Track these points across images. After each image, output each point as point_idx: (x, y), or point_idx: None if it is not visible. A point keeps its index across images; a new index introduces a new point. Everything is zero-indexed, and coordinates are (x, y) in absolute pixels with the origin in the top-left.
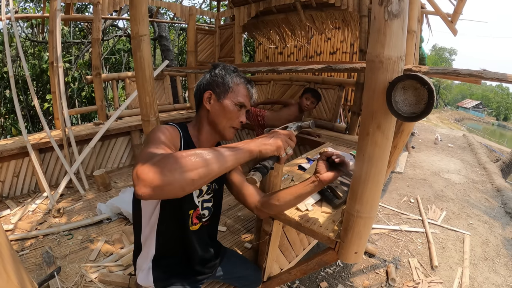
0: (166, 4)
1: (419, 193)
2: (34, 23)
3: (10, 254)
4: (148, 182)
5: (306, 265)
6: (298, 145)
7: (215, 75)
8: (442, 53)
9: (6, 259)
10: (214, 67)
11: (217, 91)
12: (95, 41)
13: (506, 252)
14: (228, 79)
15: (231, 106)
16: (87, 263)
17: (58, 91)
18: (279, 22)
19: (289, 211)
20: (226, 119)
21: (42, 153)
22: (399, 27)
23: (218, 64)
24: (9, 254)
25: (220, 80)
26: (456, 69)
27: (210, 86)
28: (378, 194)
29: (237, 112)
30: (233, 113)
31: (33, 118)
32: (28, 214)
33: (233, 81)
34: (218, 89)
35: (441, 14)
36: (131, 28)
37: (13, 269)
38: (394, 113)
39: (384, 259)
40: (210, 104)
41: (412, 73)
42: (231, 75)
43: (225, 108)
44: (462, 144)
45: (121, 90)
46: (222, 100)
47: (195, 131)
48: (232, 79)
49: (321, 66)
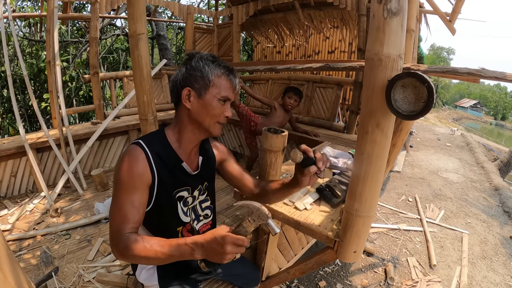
0: (164, 3)
1: (417, 192)
2: (32, 22)
3: (7, 254)
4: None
5: (305, 265)
6: (297, 144)
7: (191, 68)
8: (440, 53)
9: (3, 260)
10: (190, 57)
11: (196, 87)
12: (93, 40)
13: (504, 250)
14: (208, 72)
15: (214, 102)
16: (85, 263)
17: (55, 90)
18: (277, 21)
19: (288, 210)
20: (210, 116)
21: (39, 152)
22: (398, 25)
23: (194, 54)
24: (6, 255)
25: (198, 74)
26: (454, 68)
27: (188, 82)
28: (377, 193)
29: (221, 107)
30: (216, 109)
31: (30, 117)
32: (25, 214)
33: (213, 73)
34: (197, 84)
35: (439, 14)
36: (129, 27)
37: (10, 270)
38: (393, 112)
39: (382, 258)
40: (190, 102)
41: (411, 71)
42: (209, 67)
43: (208, 105)
44: (460, 143)
45: (119, 89)
46: (203, 96)
47: (175, 133)
48: (212, 71)
49: (320, 65)
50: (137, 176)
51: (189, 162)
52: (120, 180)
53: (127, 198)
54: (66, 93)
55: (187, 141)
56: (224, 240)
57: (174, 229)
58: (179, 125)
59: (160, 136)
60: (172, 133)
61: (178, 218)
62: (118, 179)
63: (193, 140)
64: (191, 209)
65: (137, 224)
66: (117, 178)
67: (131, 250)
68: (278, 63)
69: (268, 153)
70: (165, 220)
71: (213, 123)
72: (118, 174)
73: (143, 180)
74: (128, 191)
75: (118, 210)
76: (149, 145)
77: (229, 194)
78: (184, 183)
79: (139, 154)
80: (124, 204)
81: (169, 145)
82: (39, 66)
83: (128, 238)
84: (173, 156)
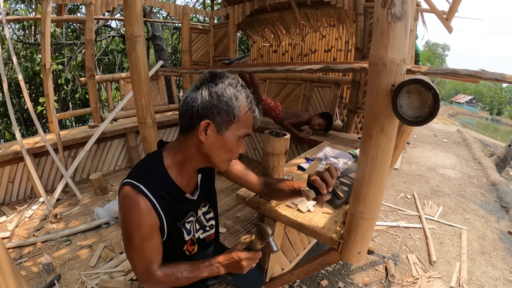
0: (160, 4)
1: (415, 189)
2: (26, 25)
3: (9, 264)
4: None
5: (308, 266)
6: (296, 145)
7: (217, 98)
8: (435, 49)
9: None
10: (214, 81)
11: (217, 121)
12: (88, 43)
13: (502, 245)
14: (235, 107)
15: (233, 139)
16: (87, 270)
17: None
18: (273, 21)
19: (291, 213)
20: (225, 153)
21: (37, 157)
22: (402, 30)
23: (219, 77)
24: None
25: (223, 107)
26: (455, 69)
27: (209, 113)
28: (381, 195)
29: (238, 144)
30: (234, 146)
31: (26, 121)
32: (24, 220)
33: (241, 108)
34: (220, 118)
35: (436, 12)
36: (126, 29)
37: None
38: (399, 117)
39: (383, 255)
40: (206, 136)
41: (417, 77)
42: (238, 100)
43: (226, 143)
44: (456, 139)
45: (115, 91)
46: (223, 132)
47: (176, 163)
48: (240, 106)
49: (320, 67)
50: (148, 226)
51: (189, 188)
52: (132, 230)
53: (145, 246)
54: (62, 96)
55: (188, 169)
56: (239, 257)
57: (180, 249)
58: (183, 154)
59: (161, 171)
60: (173, 162)
61: (183, 239)
62: (128, 228)
63: (195, 168)
64: (194, 222)
65: (161, 259)
66: (127, 227)
67: (165, 283)
68: (277, 64)
69: (271, 156)
70: (173, 243)
71: (226, 160)
72: (128, 224)
73: (154, 227)
74: (143, 240)
75: (140, 257)
76: (153, 190)
77: (229, 195)
78: (188, 210)
79: (145, 204)
80: (144, 251)
81: (171, 181)
82: (34, 69)
83: (159, 274)
84: (177, 192)
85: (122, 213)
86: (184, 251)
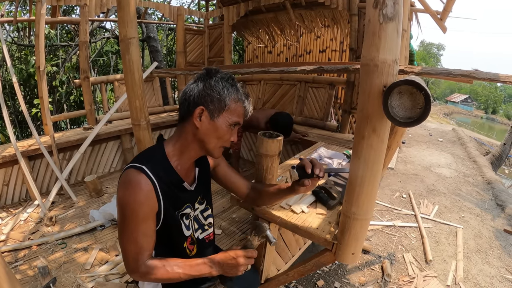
0: (154, 5)
1: (411, 188)
2: (20, 27)
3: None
4: (138, 280)
5: (303, 267)
6: (291, 145)
7: (210, 88)
8: (430, 49)
9: (0, 275)
10: (209, 75)
11: (210, 108)
12: (82, 44)
13: (498, 243)
14: (226, 96)
15: (225, 126)
16: (83, 272)
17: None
18: (268, 21)
19: (285, 214)
20: (217, 139)
21: (31, 160)
22: (394, 30)
23: (213, 72)
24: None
25: (215, 96)
26: (448, 69)
27: (203, 101)
28: (374, 196)
29: (230, 132)
30: (225, 133)
31: (21, 123)
32: (19, 223)
33: (231, 98)
34: (213, 105)
35: (430, 12)
36: (120, 31)
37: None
38: (390, 118)
39: (379, 255)
40: (201, 122)
41: (408, 78)
42: (229, 90)
43: (218, 128)
44: (451, 138)
45: (110, 92)
46: (215, 118)
47: (175, 150)
48: (230, 95)
49: (314, 67)
50: (147, 207)
51: (188, 178)
52: (129, 211)
53: (139, 229)
54: (56, 98)
55: (187, 158)
56: (237, 254)
57: (181, 245)
58: (181, 141)
59: (162, 158)
60: (173, 150)
61: (182, 233)
62: (126, 209)
63: (193, 157)
64: (193, 220)
65: (152, 249)
66: (125, 208)
67: (153, 275)
68: (271, 65)
69: (264, 157)
70: (172, 237)
71: (218, 146)
72: (126, 204)
73: (152, 210)
74: (139, 222)
75: (132, 241)
76: (154, 172)
77: (224, 197)
78: (185, 201)
79: (146, 184)
80: (138, 236)
81: (171, 167)
82: (29, 71)
83: (148, 264)
84: (176, 178)
85: (122, 192)
86: (184, 248)
